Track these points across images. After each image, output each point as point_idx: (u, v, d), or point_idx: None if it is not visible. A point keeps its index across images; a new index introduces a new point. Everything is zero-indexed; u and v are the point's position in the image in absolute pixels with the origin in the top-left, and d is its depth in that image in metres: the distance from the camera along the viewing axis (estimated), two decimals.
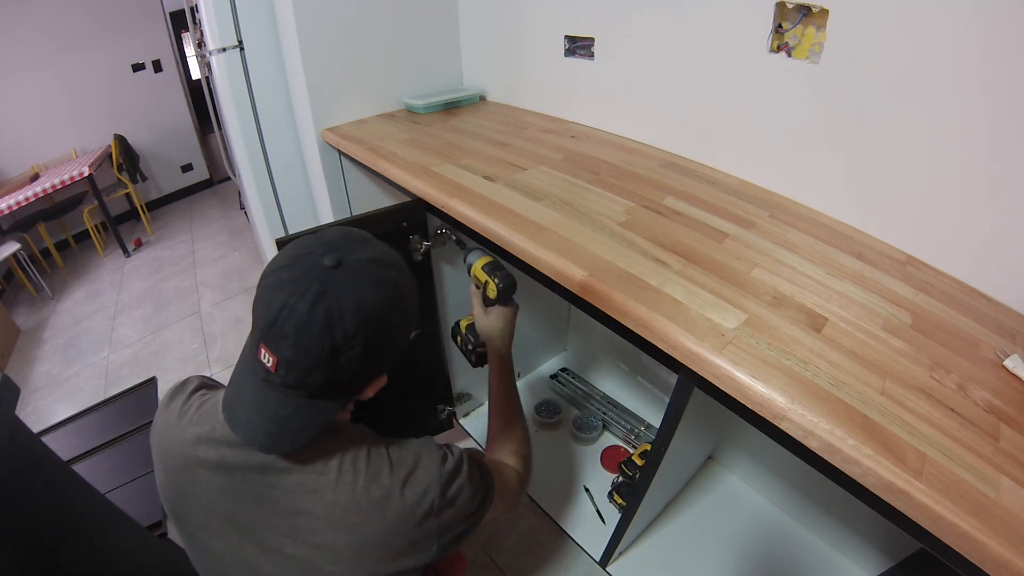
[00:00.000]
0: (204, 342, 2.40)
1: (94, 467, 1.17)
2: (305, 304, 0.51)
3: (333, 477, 0.59)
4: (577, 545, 1.40)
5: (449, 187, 1.06)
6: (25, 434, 0.71)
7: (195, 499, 0.61)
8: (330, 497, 0.58)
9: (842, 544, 1.32)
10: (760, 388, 0.58)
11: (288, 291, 0.52)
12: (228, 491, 0.59)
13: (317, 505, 0.58)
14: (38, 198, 2.97)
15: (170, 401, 0.66)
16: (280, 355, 0.52)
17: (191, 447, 0.60)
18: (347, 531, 0.58)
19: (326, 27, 1.37)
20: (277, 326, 0.51)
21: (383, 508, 0.58)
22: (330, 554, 0.58)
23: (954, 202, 0.83)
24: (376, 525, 0.58)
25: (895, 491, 0.50)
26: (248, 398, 0.57)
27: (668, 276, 0.77)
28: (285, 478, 0.58)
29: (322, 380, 0.54)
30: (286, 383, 0.54)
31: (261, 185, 1.68)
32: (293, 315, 0.51)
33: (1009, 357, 0.66)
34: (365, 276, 0.54)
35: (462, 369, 1.66)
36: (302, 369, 0.53)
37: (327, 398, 0.57)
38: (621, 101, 1.34)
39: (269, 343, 0.52)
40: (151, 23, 3.69)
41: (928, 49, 0.79)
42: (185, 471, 0.61)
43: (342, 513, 0.58)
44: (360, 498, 0.58)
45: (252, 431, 0.56)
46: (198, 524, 0.62)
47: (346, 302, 0.52)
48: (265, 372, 0.54)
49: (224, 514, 0.60)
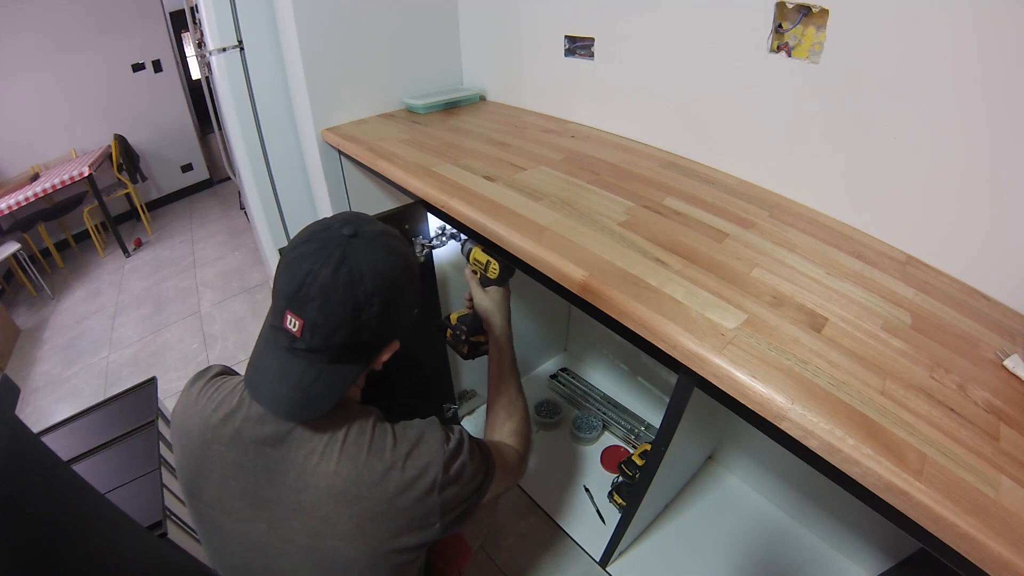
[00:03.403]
0: (204, 342, 2.40)
1: (94, 467, 1.17)
2: (329, 268, 0.56)
3: (338, 448, 0.61)
4: (577, 545, 1.40)
5: (449, 187, 1.06)
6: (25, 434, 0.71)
7: (209, 476, 0.63)
8: (333, 469, 0.59)
9: (842, 544, 1.32)
10: (760, 388, 0.58)
11: (311, 260, 0.57)
12: (241, 466, 0.62)
13: (321, 478, 0.59)
14: (38, 198, 2.98)
15: (191, 385, 0.69)
16: (306, 317, 0.56)
17: (208, 425, 0.63)
18: (348, 504, 0.59)
19: (326, 27, 1.37)
20: (303, 291, 0.56)
21: (384, 482, 0.60)
22: (333, 528, 0.59)
23: (954, 202, 0.83)
24: (378, 499, 0.59)
25: (895, 491, 0.50)
26: (271, 370, 0.60)
27: (668, 276, 0.77)
28: (296, 451, 0.60)
29: (344, 340, 0.58)
30: (310, 347, 0.58)
31: (261, 185, 1.68)
32: (318, 279, 0.56)
33: (1009, 357, 0.66)
34: (380, 244, 0.61)
35: (466, 368, 1.66)
36: (327, 330, 0.57)
37: (347, 361, 0.61)
38: (621, 101, 1.34)
39: (295, 308, 0.57)
40: (151, 23, 3.69)
41: (928, 49, 0.79)
42: (201, 449, 0.63)
43: (343, 485, 0.59)
44: (362, 471, 0.60)
45: (276, 400, 0.59)
46: (211, 502, 0.64)
47: (365, 265, 0.58)
48: (289, 340, 0.58)
49: (236, 489, 0.62)
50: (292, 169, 1.69)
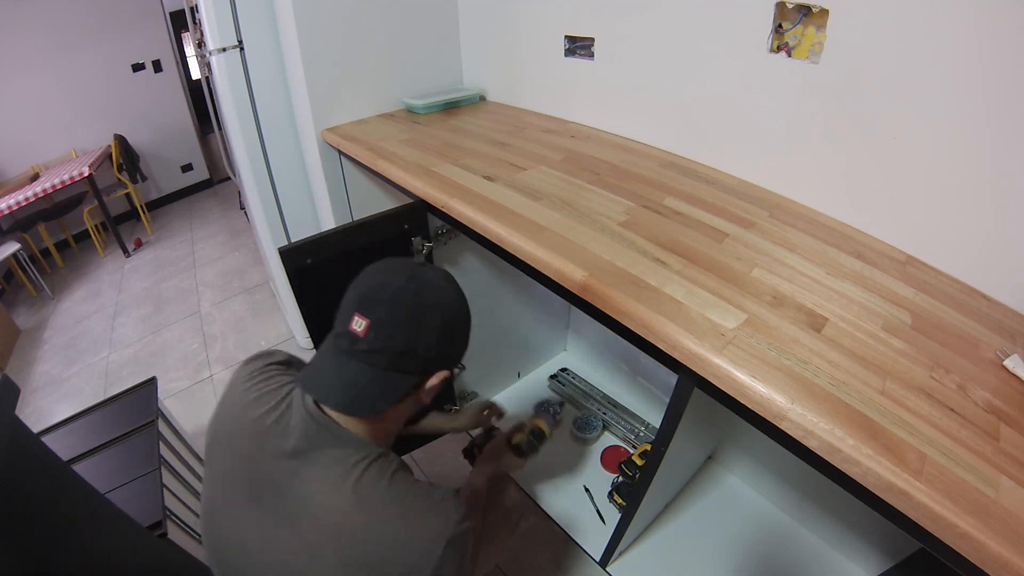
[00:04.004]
0: (204, 342, 2.40)
1: (94, 467, 1.17)
2: (401, 280, 0.62)
3: (352, 483, 0.59)
4: (577, 545, 1.40)
5: (449, 187, 1.06)
6: (25, 434, 0.71)
7: (225, 453, 0.65)
8: (338, 502, 0.58)
9: (842, 544, 1.32)
10: (760, 388, 0.58)
11: (384, 274, 0.63)
12: (255, 462, 0.62)
13: (324, 506, 0.58)
14: (38, 198, 2.97)
15: (253, 361, 0.72)
16: (373, 317, 0.60)
17: (243, 409, 0.65)
18: (339, 538, 0.57)
19: (326, 27, 1.37)
20: (372, 295, 0.61)
21: (384, 534, 0.57)
22: (317, 555, 0.57)
23: (954, 202, 0.83)
24: (371, 548, 0.57)
25: (895, 491, 0.50)
26: (329, 370, 0.63)
27: (668, 276, 0.77)
28: (309, 470, 0.60)
29: (403, 346, 0.61)
30: (371, 347, 0.60)
31: (261, 185, 1.68)
32: (389, 286, 0.62)
33: (1009, 357, 0.66)
34: (445, 278, 0.68)
35: (469, 369, 1.66)
36: (389, 329, 0.60)
37: (401, 371, 0.63)
38: (621, 101, 1.34)
39: (364, 309, 0.61)
40: (151, 23, 3.69)
41: (928, 49, 0.79)
42: (231, 422, 0.66)
43: (343, 521, 0.57)
44: (368, 516, 0.58)
45: (329, 393, 0.61)
46: (217, 475, 0.65)
47: (432, 284, 0.64)
48: (351, 342, 0.61)
49: (242, 478, 0.63)
50: (292, 169, 1.69)
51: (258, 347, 2.31)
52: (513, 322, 1.72)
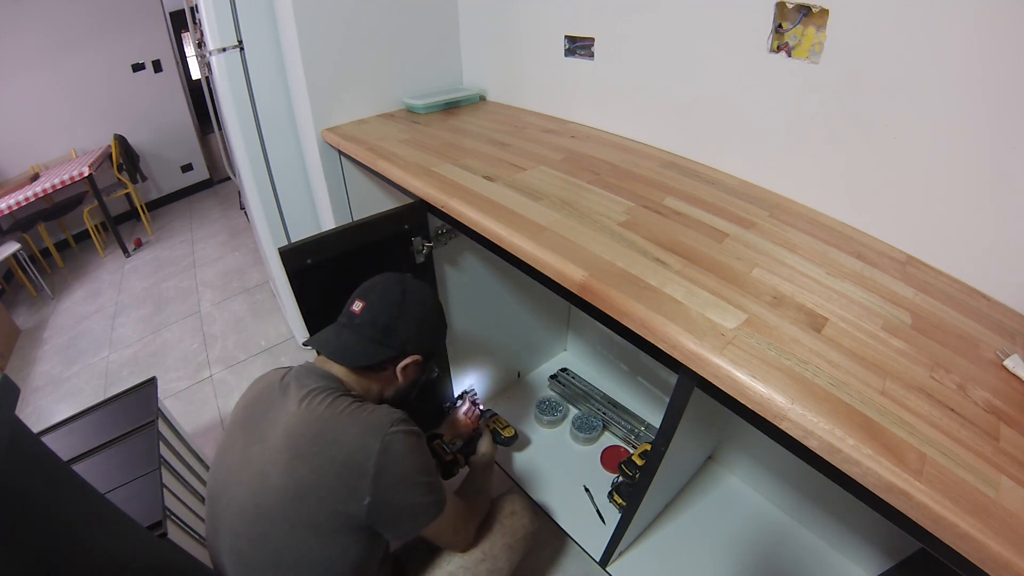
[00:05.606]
0: (204, 342, 2.40)
1: (94, 467, 1.17)
2: (392, 283, 0.88)
3: (307, 395, 0.76)
4: (577, 545, 1.40)
5: (449, 187, 1.06)
6: (25, 434, 0.71)
7: (242, 408, 0.84)
8: (303, 412, 0.75)
9: (842, 544, 1.32)
10: (760, 388, 0.58)
11: (382, 278, 0.90)
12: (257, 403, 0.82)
13: (293, 415, 0.75)
14: (38, 198, 2.98)
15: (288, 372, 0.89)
16: (367, 300, 0.85)
17: (277, 375, 0.85)
18: (288, 436, 0.72)
19: (326, 27, 1.37)
20: (370, 288, 0.87)
21: (323, 430, 0.72)
22: (273, 456, 0.71)
23: (954, 202, 0.83)
24: (311, 439, 0.71)
25: (895, 491, 0.50)
26: (331, 335, 0.86)
27: (668, 276, 0.77)
28: (285, 395, 0.78)
29: (386, 323, 0.84)
30: (363, 321, 0.84)
31: (261, 185, 1.68)
32: (384, 284, 0.88)
33: (1009, 357, 0.66)
34: (425, 287, 0.93)
35: (467, 368, 1.66)
36: (377, 308, 0.84)
37: (381, 343, 0.84)
38: (621, 101, 1.34)
39: (362, 295, 0.86)
40: (151, 23, 3.69)
41: (928, 49, 0.79)
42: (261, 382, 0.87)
43: (300, 423, 0.73)
44: (311, 415, 0.74)
45: (328, 348, 0.84)
46: (230, 427, 0.83)
47: (415, 289, 0.89)
48: (349, 318, 0.85)
49: (244, 418, 0.81)
50: (292, 169, 1.69)
51: (258, 347, 2.31)
52: (513, 322, 1.72)
